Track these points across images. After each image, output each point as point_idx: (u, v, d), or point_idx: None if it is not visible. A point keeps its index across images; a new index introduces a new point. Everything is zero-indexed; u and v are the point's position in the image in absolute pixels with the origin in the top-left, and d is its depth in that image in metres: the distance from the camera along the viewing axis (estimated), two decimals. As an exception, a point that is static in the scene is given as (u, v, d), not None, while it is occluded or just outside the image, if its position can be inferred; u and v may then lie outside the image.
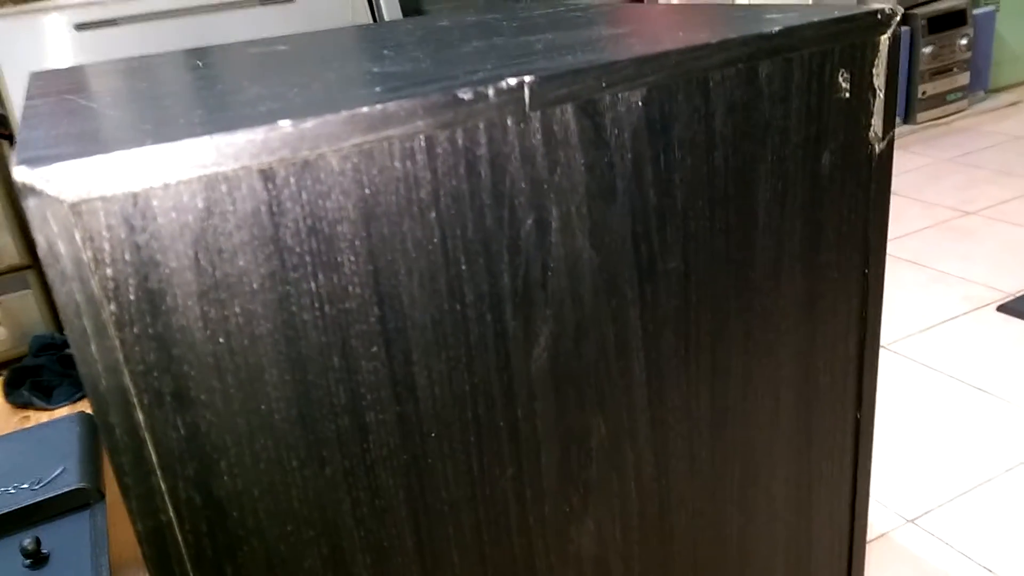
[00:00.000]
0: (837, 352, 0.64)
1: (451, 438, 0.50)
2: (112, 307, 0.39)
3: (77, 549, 0.76)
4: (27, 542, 0.74)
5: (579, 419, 0.54)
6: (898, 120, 2.87)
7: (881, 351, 1.61)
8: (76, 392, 1.59)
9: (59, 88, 0.60)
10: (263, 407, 0.44)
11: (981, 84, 3.01)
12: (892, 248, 2.04)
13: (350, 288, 0.45)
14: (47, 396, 1.58)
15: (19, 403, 1.58)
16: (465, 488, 0.51)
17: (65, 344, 1.65)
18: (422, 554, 0.51)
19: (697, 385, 0.58)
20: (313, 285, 0.44)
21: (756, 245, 0.57)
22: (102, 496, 0.82)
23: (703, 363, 0.58)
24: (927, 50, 2.76)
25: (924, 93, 2.81)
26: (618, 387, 0.55)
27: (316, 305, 0.44)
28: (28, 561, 0.75)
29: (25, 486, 0.83)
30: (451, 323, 0.48)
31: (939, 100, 2.87)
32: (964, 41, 2.84)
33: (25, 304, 1.71)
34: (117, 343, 0.40)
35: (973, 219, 2.15)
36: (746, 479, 0.64)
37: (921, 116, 2.85)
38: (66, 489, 0.81)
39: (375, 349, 0.46)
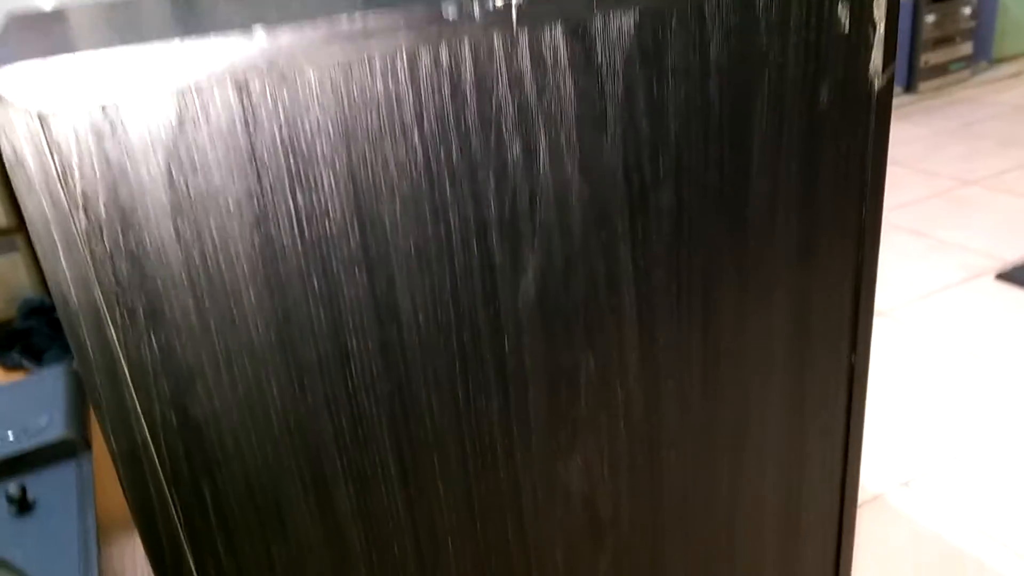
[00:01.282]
0: (832, 293, 0.63)
1: (435, 367, 0.49)
2: (81, 218, 0.38)
3: (63, 496, 0.75)
4: (12, 489, 0.74)
5: (568, 354, 0.53)
6: (900, 89, 2.84)
7: (879, 318, 1.60)
8: (67, 355, 1.58)
9: (34, 22, 0.58)
10: (241, 329, 0.43)
11: (984, 54, 2.97)
12: (892, 217, 2.02)
13: (330, 210, 0.43)
14: (37, 359, 1.57)
15: (9, 366, 1.58)
16: (450, 419, 0.50)
17: (54, 307, 1.64)
18: (406, 483, 0.50)
19: (689, 324, 0.57)
20: (291, 205, 0.42)
21: (751, 181, 0.56)
22: (88, 446, 0.82)
23: (695, 301, 0.57)
24: (930, 19, 2.72)
25: (926, 62, 2.78)
26: (608, 323, 0.54)
27: (295, 226, 0.43)
28: (14, 508, 0.74)
29: (11, 437, 0.82)
30: (435, 249, 0.47)
31: (941, 70, 2.83)
32: (967, 10, 2.80)
33: (13, 267, 1.69)
34: (87, 256, 0.39)
35: (973, 189, 2.13)
36: (738, 421, 0.63)
37: (923, 86, 2.82)
38: (52, 438, 0.80)
39: (357, 272, 0.45)
